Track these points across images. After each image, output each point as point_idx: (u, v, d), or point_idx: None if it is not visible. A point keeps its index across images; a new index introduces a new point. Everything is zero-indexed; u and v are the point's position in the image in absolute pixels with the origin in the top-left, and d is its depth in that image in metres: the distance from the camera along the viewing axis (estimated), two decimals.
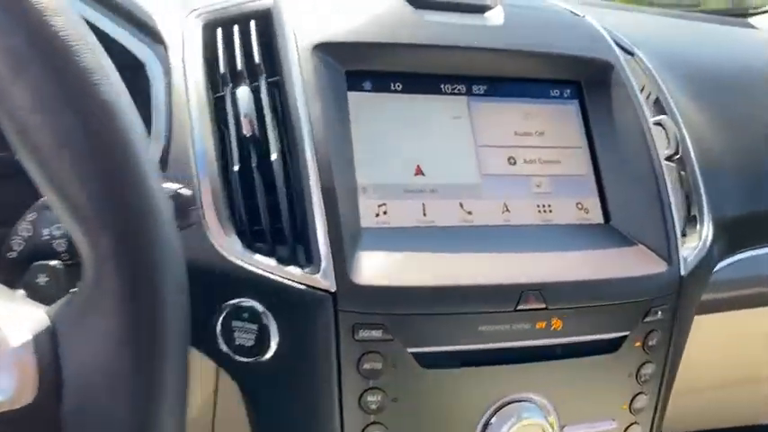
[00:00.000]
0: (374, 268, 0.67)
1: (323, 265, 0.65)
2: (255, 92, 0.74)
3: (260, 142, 0.71)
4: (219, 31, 0.78)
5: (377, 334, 0.66)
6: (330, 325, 0.65)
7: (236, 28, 0.79)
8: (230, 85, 0.74)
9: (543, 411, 0.73)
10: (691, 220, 0.88)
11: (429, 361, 0.68)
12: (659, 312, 0.76)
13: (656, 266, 0.76)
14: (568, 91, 0.87)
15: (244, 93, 0.72)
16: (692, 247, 0.83)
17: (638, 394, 0.78)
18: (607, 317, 0.74)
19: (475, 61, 0.83)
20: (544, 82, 0.86)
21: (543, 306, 0.71)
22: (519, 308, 0.70)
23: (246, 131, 0.70)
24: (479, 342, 0.69)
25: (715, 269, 0.91)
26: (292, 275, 0.65)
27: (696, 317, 0.91)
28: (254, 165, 0.69)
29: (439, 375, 0.69)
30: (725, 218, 0.90)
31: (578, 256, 0.75)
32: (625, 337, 0.75)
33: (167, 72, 0.75)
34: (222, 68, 0.75)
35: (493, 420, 0.71)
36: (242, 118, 0.71)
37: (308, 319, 0.65)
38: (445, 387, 0.69)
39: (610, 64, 0.86)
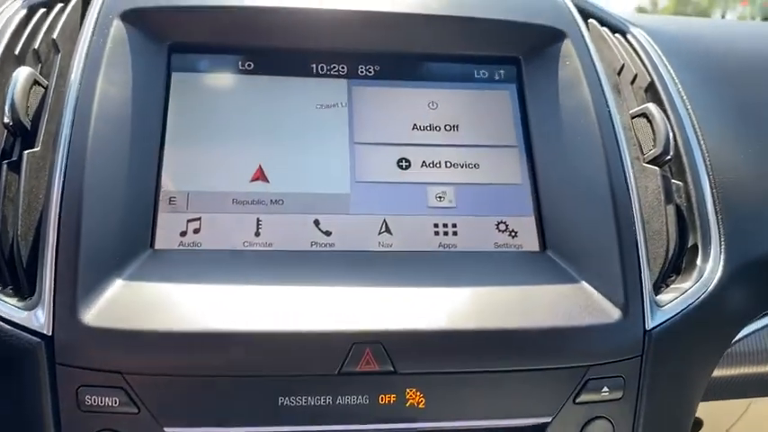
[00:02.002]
0: (123, 306, 0.45)
1: (43, 299, 0.44)
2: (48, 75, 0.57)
3: (29, 135, 0.53)
4: (40, 11, 0.62)
5: (113, 402, 0.43)
6: (44, 386, 0.43)
7: (58, 5, 0.62)
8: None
9: None
10: (692, 251, 0.59)
11: None
12: (605, 388, 0.48)
13: (600, 314, 0.49)
14: (501, 72, 0.62)
15: (21, 73, 0.54)
16: (681, 290, 0.54)
17: None
18: (509, 392, 0.47)
19: (362, 33, 0.61)
20: (466, 60, 0.62)
21: (389, 368, 0.45)
22: (346, 370, 0.45)
23: (7, 120, 0.52)
24: (281, 424, 0.45)
25: (740, 334, 0.60)
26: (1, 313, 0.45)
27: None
28: (5, 163, 0.51)
29: None
30: (753, 253, 0.60)
31: (470, 295, 0.49)
32: (544, 426, 0.48)
33: None
34: (19, 49, 0.58)
35: None
36: (6, 104, 0.53)
37: (17, 378, 0.44)
38: None
39: (560, 32, 0.61)
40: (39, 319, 0.44)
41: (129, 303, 0.45)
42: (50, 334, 0.44)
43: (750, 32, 0.84)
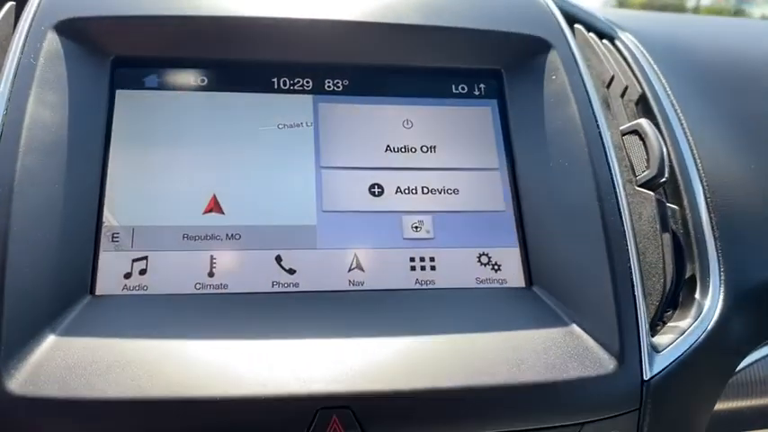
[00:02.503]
0: (56, 369, 0.39)
1: None
2: None
3: None
4: None
5: None
6: None
7: None
8: None
9: None
10: (689, 283, 0.54)
11: None
12: None
13: (594, 365, 0.44)
14: (482, 86, 0.57)
15: None
16: (679, 329, 0.49)
17: None
18: None
19: (329, 44, 0.55)
20: (443, 73, 0.57)
21: None
22: None
23: None
24: None
25: (740, 365, 0.56)
26: None
27: None
28: None
29: None
30: (753, 281, 0.55)
31: (451, 346, 0.44)
32: None
33: None
34: None
35: None
36: None
37: None
38: None
39: (545, 43, 0.56)
40: None
41: (62, 365, 0.40)
42: None
43: (747, 33, 0.79)
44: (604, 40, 0.67)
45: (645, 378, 0.45)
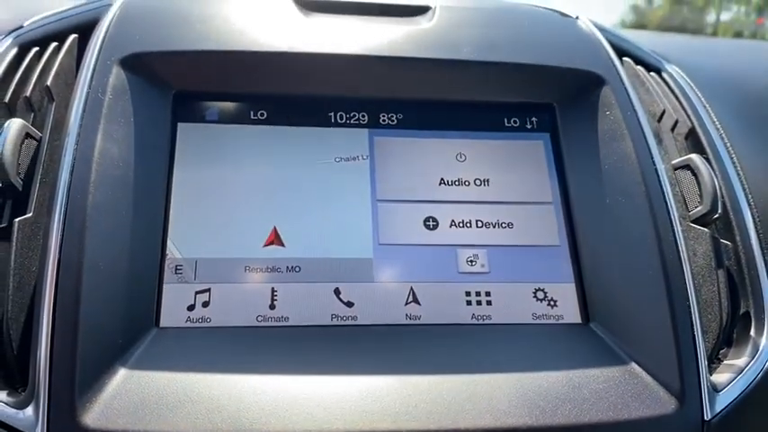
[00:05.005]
0: (127, 403, 0.40)
1: (37, 393, 0.39)
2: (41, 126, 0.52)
3: (22, 197, 0.48)
4: (33, 51, 0.57)
5: None
6: None
7: (52, 45, 0.57)
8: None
9: None
10: (743, 319, 0.54)
11: None
12: None
13: (655, 404, 0.44)
14: (534, 119, 0.57)
15: (12, 126, 0.49)
16: (736, 368, 0.49)
17: None
18: None
19: (384, 79, 0.56)
20: (496, 107, 0.57)
21: None
22: None
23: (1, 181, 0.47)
24: None
25: None
26: None
27: None
28: None
29: None
30: None
31: (512, 384, 0.44)
32: None
33: None
34: (9, 96, 0.53)
35: None
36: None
37: None
38: None
39: (598, 78, 0.56)
40: (30, 419, 0.39)
41: (134, 399, 0.40)
42: None
43: None
44: (652, 73, 0.67)
45: (706, 418, 0.45)
